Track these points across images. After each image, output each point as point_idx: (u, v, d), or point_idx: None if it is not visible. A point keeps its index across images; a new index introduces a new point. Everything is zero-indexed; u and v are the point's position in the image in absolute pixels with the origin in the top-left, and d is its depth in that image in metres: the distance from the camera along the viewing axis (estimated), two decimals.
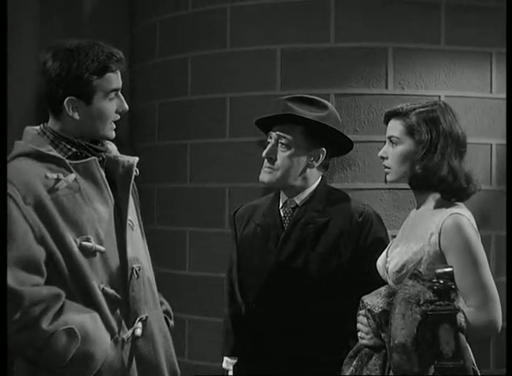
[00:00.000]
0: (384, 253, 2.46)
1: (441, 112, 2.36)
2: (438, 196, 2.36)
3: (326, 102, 2.64)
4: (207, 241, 4.05)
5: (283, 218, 2.64)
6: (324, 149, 2.60)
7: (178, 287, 4.14)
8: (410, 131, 2.36)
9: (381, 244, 2.57)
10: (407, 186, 2.45)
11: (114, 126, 2.25)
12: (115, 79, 2.19)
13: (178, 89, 4.22)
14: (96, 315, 2.09)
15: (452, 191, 2.33)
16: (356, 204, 2.66)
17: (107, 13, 4.91)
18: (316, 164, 2.61)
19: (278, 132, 2.59)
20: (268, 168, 2.60)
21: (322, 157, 2.61)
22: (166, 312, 2.40)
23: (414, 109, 2.37)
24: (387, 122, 2.45)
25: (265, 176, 2.62)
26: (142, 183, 4.41)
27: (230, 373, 2.73)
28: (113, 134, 2.25)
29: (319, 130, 2.56)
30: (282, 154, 2.58)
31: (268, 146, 2.61)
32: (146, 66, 4.50)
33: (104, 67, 2.15)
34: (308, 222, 2.58)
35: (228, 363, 2.74)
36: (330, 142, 2.61)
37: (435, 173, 2.31)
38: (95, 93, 2.15)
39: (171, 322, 2.41)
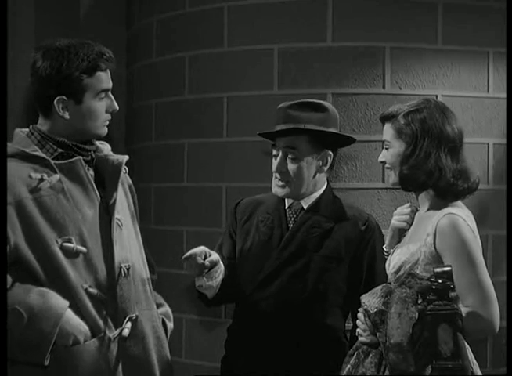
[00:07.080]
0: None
1: (427, 111, 2.34)
2: (435, 197, 2.35)
3: (325, 103, 2.64)
4: (204, 241, 4.03)
5: (288, 219, 2.65)
6: (331, 152, 2.62)
7: (176, 287, 4.14)
8: (399, 133, 2.35)
9: (377, 254, 2.60)
10: None
11: (107, 123, 2.23)
12: (105, 78, 2.18)
13: (175, 89, 4.22)
14: (45, 290, 2.05)
15: (441, 187, 2.31)
16: (360, 212, 2.69)
17: (104, 13, 4.92)
18: (326, 168, 2.63)
19: (285, 146, 2.58)
20: (281, 181, 2.59)
21: (330, 160, 2.62)
22: (165, 314, 2.39)
23: (403, 111, 2.36)
24: (383, 125, 2.45)
25: (278, 190, 2.61)
26: (139, 183, 4.44)
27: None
28: (105, 130, 2.24)
29: (323, 135, 2.57)
30: (292, 166, 2.57)
31: (277, 161, 2.58)
32: (143, 65, 4.50)
33: (94, 66, 2.14)
34: (313, 226, 2.59)
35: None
36: (335, 143, 2.64)
37: (420, 169, 2.30)
38: (86, 92, 2.15)
39: (170, 324, 2.39)
